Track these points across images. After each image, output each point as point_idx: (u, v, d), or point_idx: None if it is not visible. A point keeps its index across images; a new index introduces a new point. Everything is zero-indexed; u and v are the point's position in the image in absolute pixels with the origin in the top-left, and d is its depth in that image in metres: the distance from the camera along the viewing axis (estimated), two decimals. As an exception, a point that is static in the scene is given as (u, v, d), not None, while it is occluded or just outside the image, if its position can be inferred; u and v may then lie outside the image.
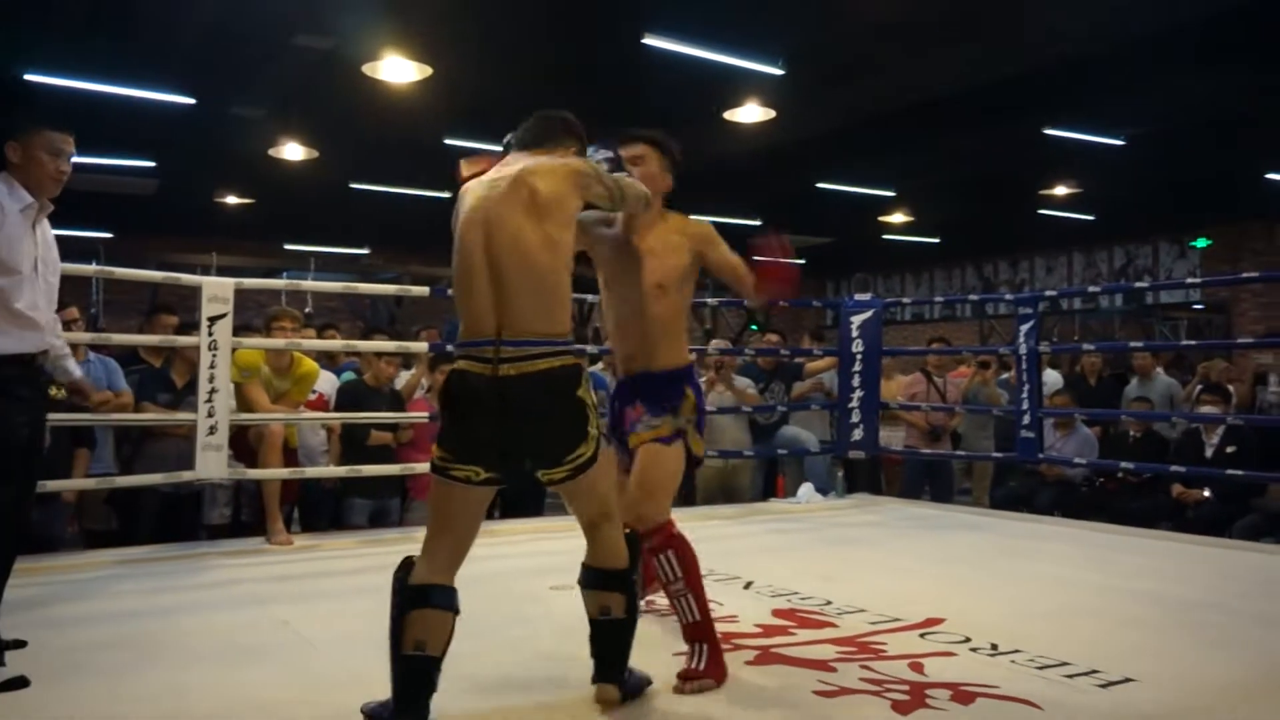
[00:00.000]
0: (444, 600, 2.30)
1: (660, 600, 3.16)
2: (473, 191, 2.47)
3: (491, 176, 2.46)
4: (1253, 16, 6.41)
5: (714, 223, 3.21)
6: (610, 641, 2.50)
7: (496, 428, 2.31)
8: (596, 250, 3.05)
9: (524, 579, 3.88)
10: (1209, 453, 6.37)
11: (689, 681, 2.65)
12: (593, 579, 2.51)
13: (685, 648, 2.76)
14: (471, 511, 2.38)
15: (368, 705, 2.35)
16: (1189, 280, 13.51)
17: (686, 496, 6.91)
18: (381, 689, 2.28)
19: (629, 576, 2.50)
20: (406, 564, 2.34)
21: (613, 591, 2.48)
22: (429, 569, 2.31)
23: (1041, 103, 8.38)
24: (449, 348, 5.79)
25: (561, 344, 2.36)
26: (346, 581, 3.98)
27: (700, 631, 2.76)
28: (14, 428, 2.82)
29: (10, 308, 2.83)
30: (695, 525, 4.63)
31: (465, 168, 2.70)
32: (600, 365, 6.95)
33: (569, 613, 3.42)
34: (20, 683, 2.61)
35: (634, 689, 2.53)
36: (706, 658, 2.73)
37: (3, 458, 2.81)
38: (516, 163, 2.47)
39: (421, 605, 2.27)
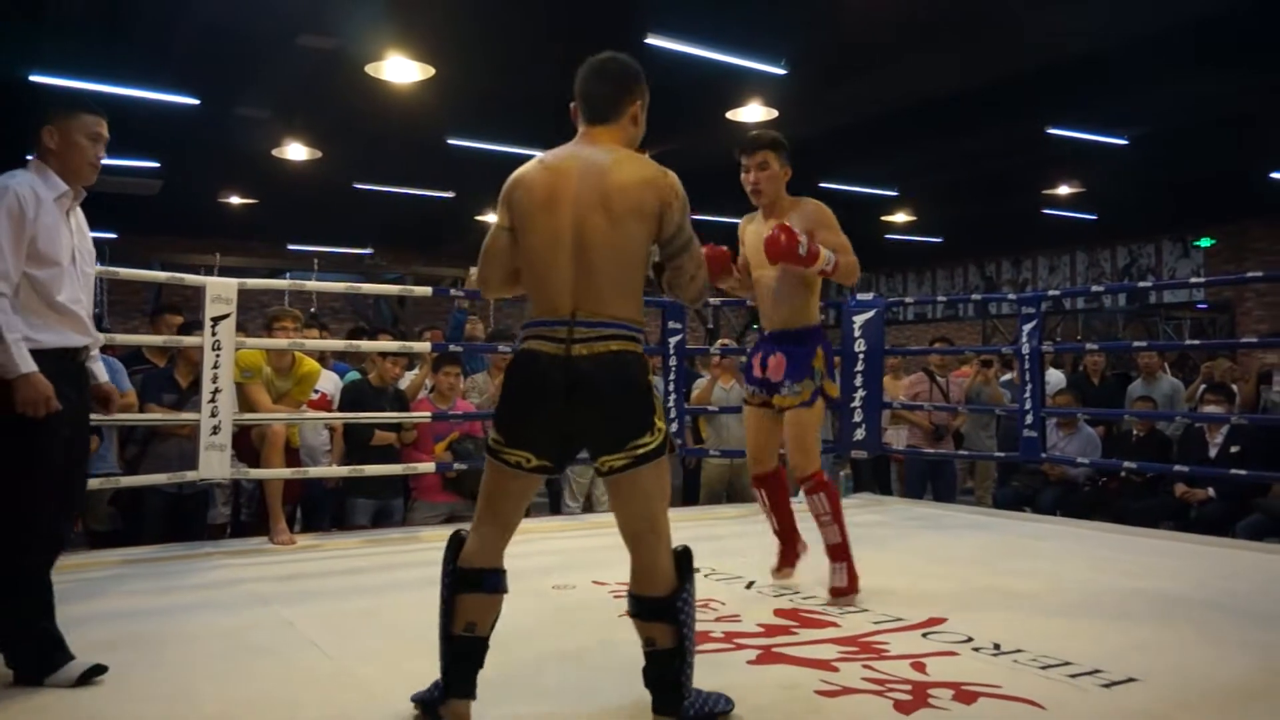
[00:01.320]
0: (494, 584, 2.34)
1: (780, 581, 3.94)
2: (556, 172, 2.36)
3: (577, 158, 2.38)
4: (1255, 15, 6.40)
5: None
6: (660, 672, 2.33)
7: (561, 409, 2.27)
8: (746, 238, 3.81)
9: (528, 577, 3.87)
10: (1213, 453, 6.36)
11: (840, 596, 3.56)
12: (636, 608, 2.34)
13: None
14: (517, 497, 2.38)
15: (418, 694, 2.40)
16: (1193, 280, 13.49)
17: (689, 496, 6.93)
18: (383, 689, 2.28)
19: (674, 603, 2.30)
20: (456, 542, 2.36)
21: (656, 622, 2.31)
22: (479, 552, 2.33)
23: (1044, 102, 8.38)
24: (448, 341, 5.81)
25: (635, 329, 2.34)
26: (349, 581, 3.98)
27: (842, 553, 3.65)
28: (54, 427, 2.69)
29: (53, 300, 2.73)
30: (698, 524, 4.65)
31: None
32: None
33: (567, 610, 3.44)
34: (97, 670, 2.66)
35: (698, 717, 2.35)
36: (847, 575, 3.62)
37: (41, 459, 2.68)
38: (606, 150, 2.39)
39: (473, 589, 2.31)
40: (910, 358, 9.09)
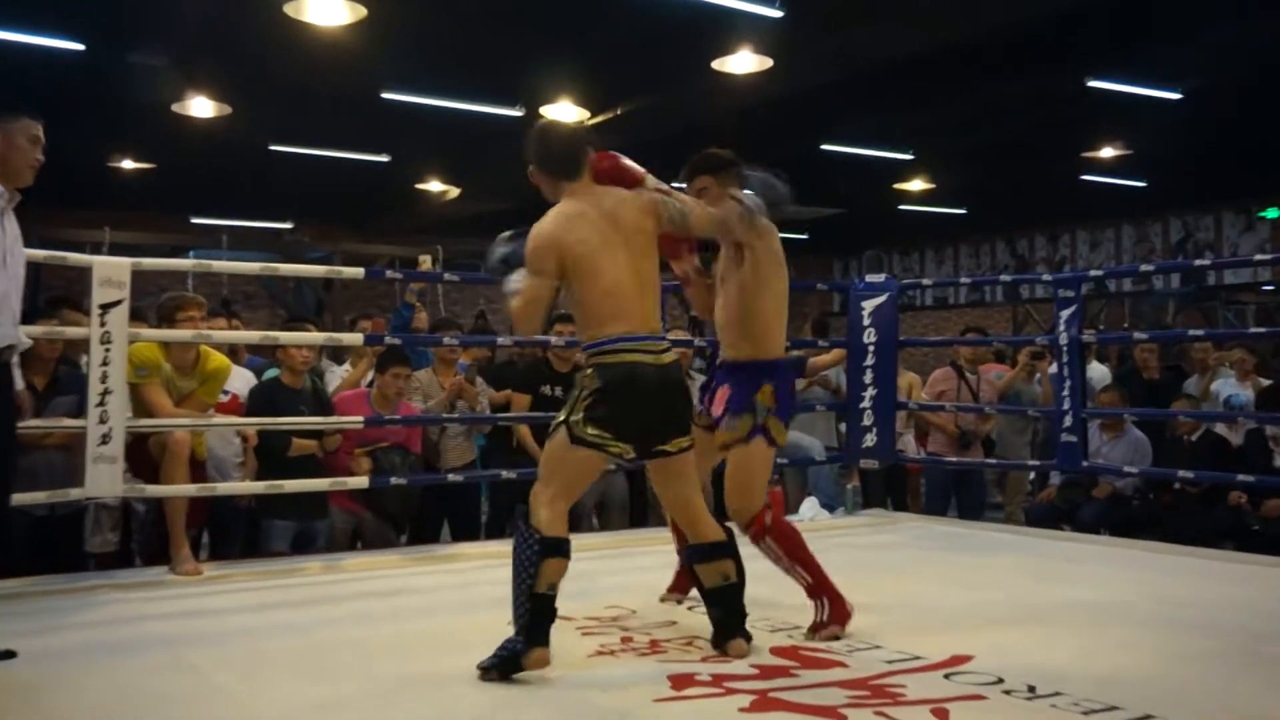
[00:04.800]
0: (569, 550, 3.22)
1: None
2: (592, 219, 3.29)
3: (602, 209, 3.31)
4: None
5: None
6: (731, 602, 3.42)
7: (659, 407, 3.30)
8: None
9: (503, 607, 3.88)
10: (1278, 461, 6.41)
11: (818, 631, 3.63)
12: (705, 553, 3.44)
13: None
14: (591, 478, 3.52)
15: (485, 662, 3.07)
16: (1257, 257, 13.62)
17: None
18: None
19: (733, 542, 3.48)
20: (525, 515, 3.19)
21: (726, 559, 3.44)
22: (557, 523, 3.19)
23: (1085, 49, 8.42)
24: (403, 337, 5.77)
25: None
26: (264, 618, 3.97)
27: (818, 591, 3.70)
28: None
29: None
30: (669, 548, 4.62)
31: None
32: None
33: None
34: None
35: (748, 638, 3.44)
36: (829, 609, 3.67)
37: None
38: (618, 197, 3.37)
39: (556, 555, 3.15)
40: (933, 352, 9.07)
